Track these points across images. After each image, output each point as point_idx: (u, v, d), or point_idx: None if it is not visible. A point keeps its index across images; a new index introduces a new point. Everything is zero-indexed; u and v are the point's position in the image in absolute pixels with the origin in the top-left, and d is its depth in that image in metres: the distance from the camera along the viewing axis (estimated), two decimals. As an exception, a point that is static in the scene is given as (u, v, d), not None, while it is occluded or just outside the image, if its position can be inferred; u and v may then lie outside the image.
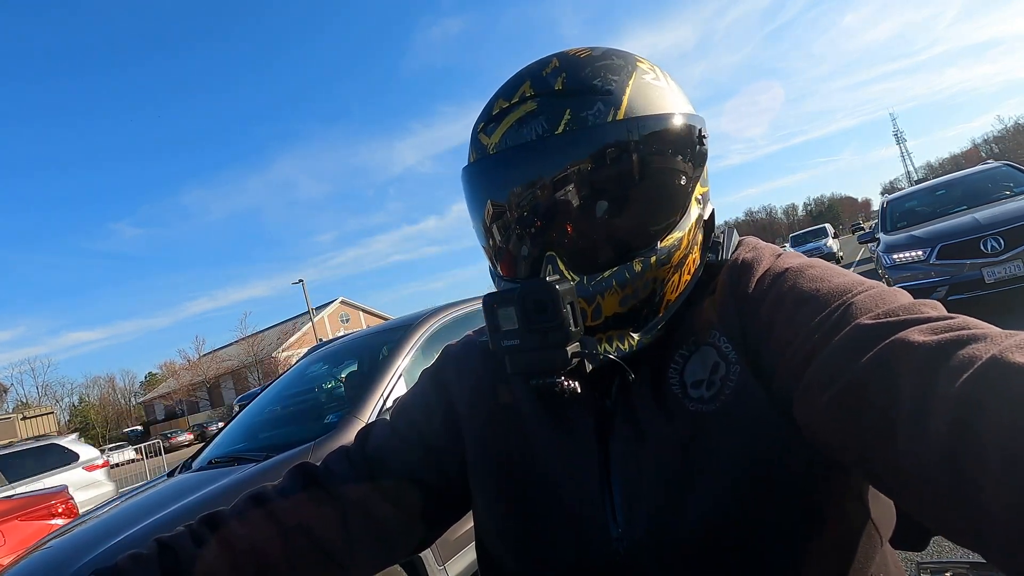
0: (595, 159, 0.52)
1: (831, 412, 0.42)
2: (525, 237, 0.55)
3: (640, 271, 0.53)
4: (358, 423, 2.27)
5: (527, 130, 0.53)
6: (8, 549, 4.48)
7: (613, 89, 0.53)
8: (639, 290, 0.53)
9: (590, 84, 0.53)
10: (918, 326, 0.41)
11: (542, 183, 0.53)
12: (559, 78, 0.54)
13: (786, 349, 0.48)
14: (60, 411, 55.31)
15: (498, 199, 0.56)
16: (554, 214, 0.53)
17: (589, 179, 0.52)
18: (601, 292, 0.52)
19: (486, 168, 0.57)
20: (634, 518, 0.52)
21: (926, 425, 0.36)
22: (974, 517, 0.33)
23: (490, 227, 0.58)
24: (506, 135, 0.54)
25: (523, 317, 0.50)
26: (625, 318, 0.54)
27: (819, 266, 0.54)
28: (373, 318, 41.94)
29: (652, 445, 0.53)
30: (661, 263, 0.54)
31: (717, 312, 0.55)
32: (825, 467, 0.49)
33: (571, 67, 0.55)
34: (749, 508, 0.48)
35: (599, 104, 0.52)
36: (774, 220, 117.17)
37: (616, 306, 0.53)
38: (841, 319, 0.45)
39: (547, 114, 0.53)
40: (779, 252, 0.59)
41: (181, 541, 0.59)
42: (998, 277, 5.00)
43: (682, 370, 0.55)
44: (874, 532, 0.52)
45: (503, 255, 0.58)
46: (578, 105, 0.52)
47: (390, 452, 0.66)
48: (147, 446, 17.51)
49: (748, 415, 0.50)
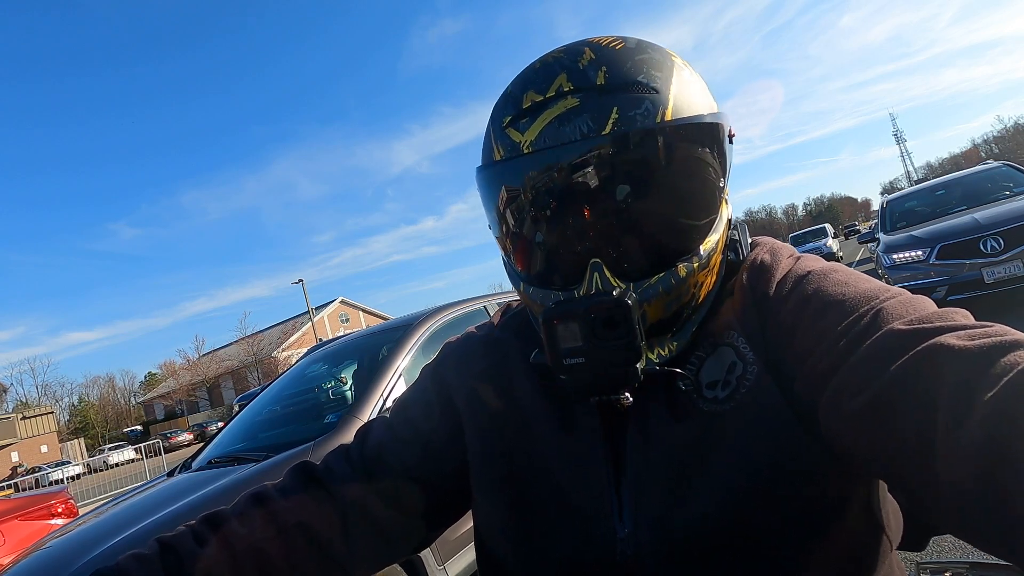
0: (644, 161, 0.49)
1: (861, 421, 0.42)
2: (567, 242, 0.52)
3: (685, 276, 0.51)
4: (358, 423, 2.27)
5: (570, 128, 0.49)
6: (8, 549, 4.48)
7: (659, 87, 0.51)
8: (682, 295, 0.52)
9: (635, 80, 0.50)
10: (954, 332, 0.40)
11: (587, 187, 0.50)
12: (600, 72, 0.51)
13: (811, 354, 0.47)
14: (60, 411, 55.33)
15: (535, 201, 0.52)
16: (600, 219, 0.50)
17: (637, 182, 0.49)
18: (648, 300, 0.50)
19: (520, 168, 0.52)
20: (641, 519, 0.51)
21: (963, 438, 0.35)
22: (1008, 529, 0.33)
23: (520, 224, 0.55)
24: (544, 132, 0.50)
25: (591, 334, 0.47)
26: (667, 324, 0.53)
27: (842, 270, 0.53)
28: (373, 318, 41.93)
29: (662, 445, 0.52)
30: (703, 267, 0.53)
31: (736, 313, 0.54)
32: (836, 472, 0.48)
33: (611, 60, 0.51)
34: (757, 509, 0.48)
35: (647, 103, 0.50)
36: (774, 220, 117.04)
37: (660, 313, 0.52)
38: (871, 324, 0.44)
39: (592, 112, 0.49)
40: (797, 254, 0.58)
41: (182, 541, 0.59)
42: (998, 277, 4.99)
43: (698, 371, 0.54)
44: (884, 538, 0.52)
45: (531, 252, 0.55)
46: (626, 103, 0.49)
47: (389, 451, 0.66)
48: (147, 446, 17.51)
49: (763, 415, 0.49)
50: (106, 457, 25.97)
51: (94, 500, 12.01)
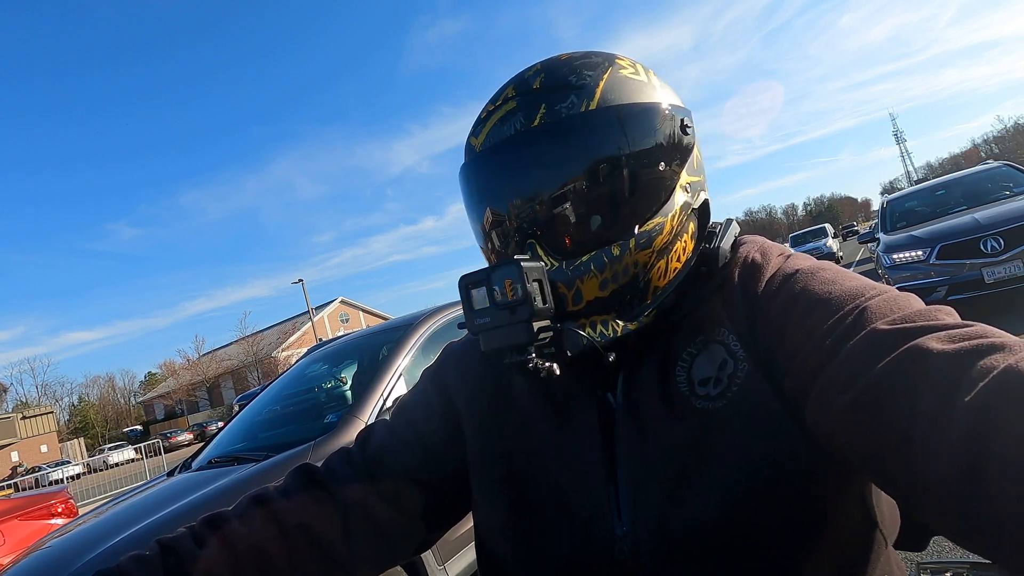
0: (569, 148, 0.54)
1: (846, 417, 0.42)
2: (510, 228, 0.57)
3: (618, 255, 0.53)
4: (358, 423, 2.27)
5: (507, 127, 0.56)
6: (8, 549, 4.48)
7: (587, 83, 0.55)
8: (619, 274, 0.54)
9: (565, 80, 0.56)
10: (936, 333, 0.41)
11: (520, 175, 0.56)
12: (538, 78, 0.57)
13: (799, 352, 0.48)
14: (60, 411, 55.36)
15: (485, 195, 0.59)
16: (533, 204, 0.55)
17: (563, 168, 0.54)
18: (580, 276, 0.53)
19: (473, 167, 0.60)
20: (639, 517, 0.52)
21: (943, 434, 0.36)
22: (989, 525, 0.33)
23: (482, 222, 0.60)
24: (489, 134, 0.57)
25: (491, 295, 0.51)
26: (607, 303, 0.54)
27: (830, 269, 0.54)
28: (373, 318, 41.94)
29: (658, 443, 0.53)
30: (641, 247, 0.54)
31: (726, 310, 0.55)
32: (831, 469, 0.49)
33: (549, 68, 0.58)
34: (755, 508, 0.48)
35: (572, 96, 0.54)
36: (774, 220, 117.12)
37: (596, 290, 0.54)
38: (856, 323, 0.45)
39: (525, 110, 0.55)
40: (788, 252, 0.59)
41: (183, 542, 0.59)
42: (998, 277, 4.99)
43: (690, 367, 0.55)
44: (878, 534, 0.52)
45: (492, 248, 0.60)
46: (553, 99, 0.55)
47: (390, 452, 0.66)
48: (147, 446, 17.54)
49: (755, 413, 0.50)
50: (106, 457, 26.02)
51: (94, 500, 12.02)
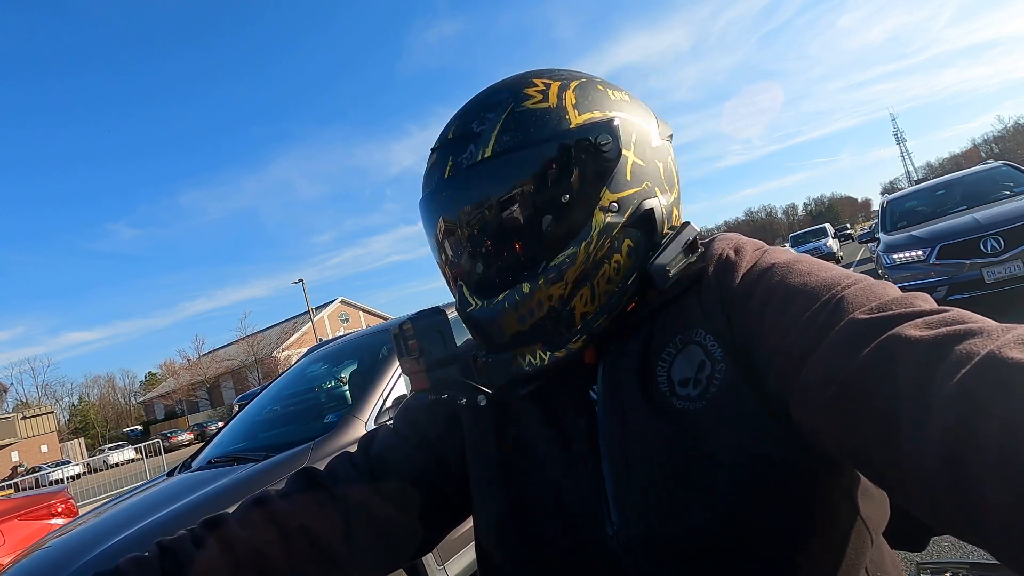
0: (469, 198, 0.57)
1: (831, 412, 0.42)
2: (445, 268, 0.62)
3: (528, 292, 0.55)
4: (358, 423, 2.27)
5: (431, 177, 0.60)
6: (8, 549, 4.47)
7: (484, 128, 0.56)
8: (534, 309, 0.55)
9: (467, 129, 0.57)
10: (912, 320, 0.41)
11: (438, 225, 0.60)
12: (453, 128, 0.59)
13: (779, 346, 0.48)
14: (60, 411, 55.38)
15: (428, 233, 0.63)
16: (453, 249, 0.60)
17: (468, 216, 0.57)
18: (498, 315, 0.56)
19: (420, 207, 0.63)
20: (628, 517, 0.52)
21: (926, 422, 0.36)
22: (974, 513, 0.33)
23: (434, 254, 0.65)
24: (424, 181, 0.61)
25: (405, 348, 0.60)
26: (529, 336, 0.56)
27: (805, 261, 0.54)
28: (373, 318, 41.94)
29: (641, 444, 0.53)
30: (551, 281, 0.54)
31: (703, 310, 0.55)
32: (815, 465, 0.49)
33: (463, 114, 0.59)
34: (739, 506, 0.48)
35: (471, 147, 0.56)
36: (774, 220, 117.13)
37: (515, 325, 0.56)
38: (833, 314, 0.45)
39: (439, 164, 0.58)
40: (764, 247, 0.59)
41: (182, 544, 0.58)
42: (998, 277, 4.99)
43: (669, 368, 0.55)
44: (864, 530, 0.52)
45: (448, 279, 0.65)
46: (456, 151, 0.57)
47: (393, 454, 0.66)
48: (147, 446, 17.53)
49: (735, 413, 0.50)
50: (106, 457, 25.99)
51: (94, 500, 12.02)
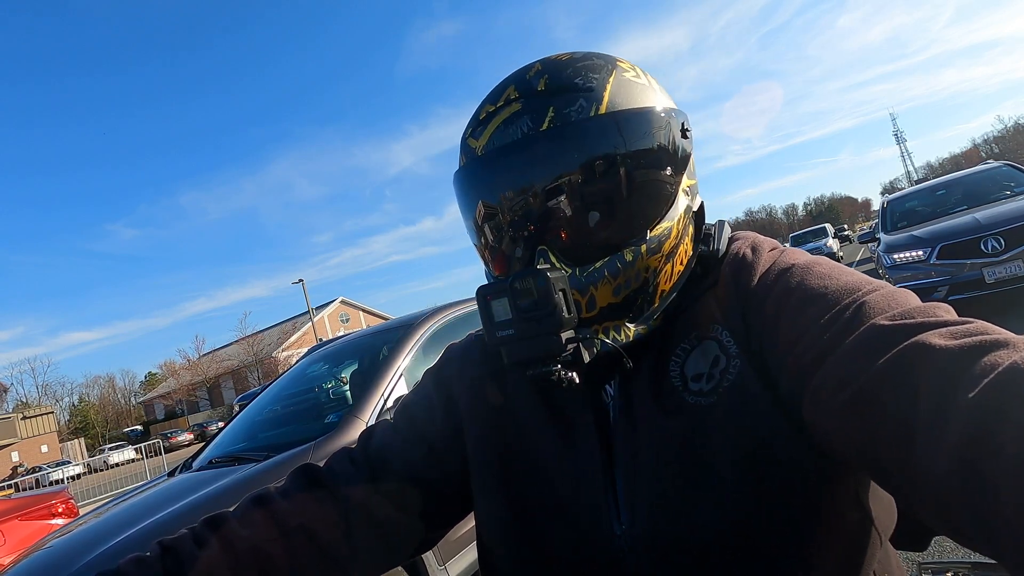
0: (580, 153, 0.53)
1: (845, 415, 0.42)
2: (518, 235, 0.56)
3: (631, 260, 0.53)
4: (358, 423, 2.27)
5: (513, 130, 0.54)
6: (8, 549, 4.48)
7: (594, 86, 0.54)
8: (631, 280, 0.54)
9: (572, 83, 0.55)
10: (937, 329, 0.40)
11: (530, 181, 0.54)
12: (542, 79, 0.56)
13: (794, 348, 0.47)
14: (60, 411, 55.38)
15: (489, 200, 0.57)
16: (544, 210, 0.54)
17: (575, 173, 0.53)
18: (594, 283, 0.53)
19: (475, 170, 0.58)
20: (637, 515, 0.52)
21: (944, 429, 0.35)
22: (989, 523, 0.33)
23: (482, 228, 0.59)
24: (493, 136, 0.56)
25: (516, 306, 0.50)
26: (620, 308, 0.54)
27: (824, 263, 0.53)
28: (373, 318, 41.94)
29: (652, 440, 0.53)
30: (652, 252, 0.54)
31: (720, 306, 0.55)
32: (825, 466, 0.48)
33: (552, 69, 0.57)
34: (748, 504, 0.48)
35: (581, 100, 0.54)
36: (774, 220, 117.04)
37: (610, 296, 0.54)
38: (853, 318, 0.45)
39: (532, 113, 0.54)
40: (781, 247, 0.59)
41: (183, 543, 0.58)
42: (998, 277, 4.99)
43: (683, 364, 0.55)
44: (874, 531, 0.52)
45: (496, 254, 0.59)
46: (561, 102, 0.54)
47: (392, 452, 0.66)
48: (147, 446, 17.54)
49: (745, 409, 0.50)
50: (106, 457, 25.98)
51: (94, 500, 12.01)
